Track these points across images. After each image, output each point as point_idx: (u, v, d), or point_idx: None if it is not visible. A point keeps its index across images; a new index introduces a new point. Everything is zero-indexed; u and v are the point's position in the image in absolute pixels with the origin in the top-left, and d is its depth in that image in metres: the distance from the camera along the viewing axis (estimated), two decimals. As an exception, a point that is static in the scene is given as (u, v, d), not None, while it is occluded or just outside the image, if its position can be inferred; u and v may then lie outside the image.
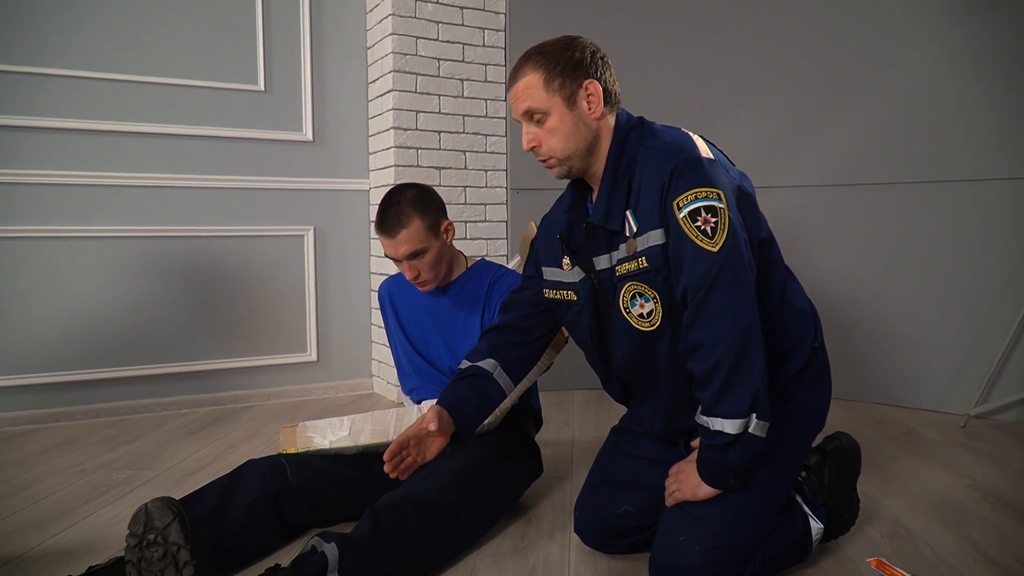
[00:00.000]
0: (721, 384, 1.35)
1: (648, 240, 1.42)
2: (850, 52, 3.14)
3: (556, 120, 1.46)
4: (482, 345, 1.72)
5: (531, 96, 1.46)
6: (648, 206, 1.41)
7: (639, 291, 1.46)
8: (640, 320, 1.47)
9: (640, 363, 1.53)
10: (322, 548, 1.39)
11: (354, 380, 3.46)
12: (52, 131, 2.85)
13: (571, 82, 1.45)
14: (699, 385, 1.39)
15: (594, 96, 1.47)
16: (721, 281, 1.34)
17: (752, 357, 1.35)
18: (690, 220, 1.35)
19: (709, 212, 1.35)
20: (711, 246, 1.34)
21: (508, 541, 1.79)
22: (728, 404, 1.36)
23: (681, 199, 1.36)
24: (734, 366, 1.34)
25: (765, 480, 1.48)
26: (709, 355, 1.35)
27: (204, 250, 3.13)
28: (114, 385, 2.98)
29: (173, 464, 2.40)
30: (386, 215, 1.96)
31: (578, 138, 1.47)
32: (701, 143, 1.46)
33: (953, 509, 1.97)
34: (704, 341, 1.35)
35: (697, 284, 1.35)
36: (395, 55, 3.13)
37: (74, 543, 1.78)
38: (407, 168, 3.17)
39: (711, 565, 1.40)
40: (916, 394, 3.08)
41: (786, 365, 1.51)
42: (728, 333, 1.34)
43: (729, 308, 1.34)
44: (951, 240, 2.99)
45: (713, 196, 1.36)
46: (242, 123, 3.17)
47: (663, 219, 1.39)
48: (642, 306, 1.46)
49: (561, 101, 1.45)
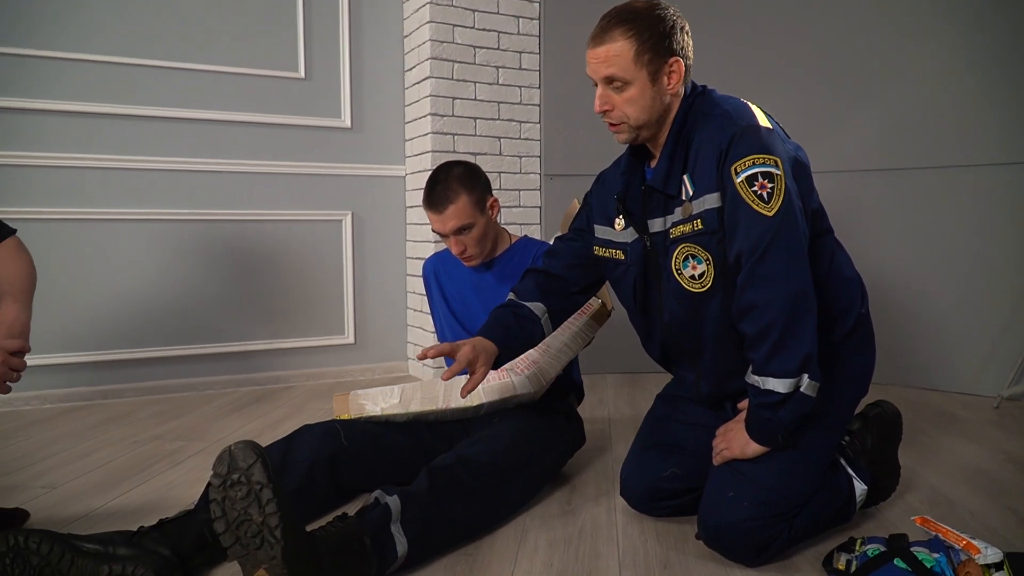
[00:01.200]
0: (773, 344, 1.39)
1: (704, 203, 1.46)
2: (878, 39, 3.17)
3: (636, 91, 1.50)
4: (529, 284, 1.76)
5: (617, 64, 1.48)
6: (705, 171, 1.46)
7: (692, 253, 1.50)
8: (691, 282, 1.52)
9: (687, 325, 1.57)
10: (385, 500, 1.45)
11: (390, 363, 3.53)
12: (101, 116, 2.93)
13: (658, 58, 1.49)
14: (751, 345, 1.44)
15: (676, 74, 1.51)
16: (776, 244, 1.38)
17: (804, 318, 1.40)
18: (747, 185, 1.39)
19: (766, 178, 1.39)
20: (767, 210, 1.38)
21: (555, 505, 1.84)
22: (780, 363, 1.40)
23: (739, 164, 1.40)
24: (786, 327, 1.39)
25: (811, 440, 1.51)
26: (762, 316, 1.39)
27: (246, 234, 3.21)
28: (160, 364, 3.07)
29: (222, 437, 2.47)
30: (434, 191, 2.02)
31: (653, 110, 1.52)
32: (759, 112, 1.50)
33: (990, 480, 2.00)
34: (757, 302, 1.40)
35: (752, 247, 1.39)
36: (432, 43, 3.20)
37: (137, 504, 1.85)
38: (443, 154, 3.23)
39: (758, 520, 1.44)
40: (949, 377, 3.10)
41: (833, 329, 1.55)
42: (781, 294, 1.38)
43: (783, 270, 1.38)
44: (981, 224, 3.01)
45: (770, 163, 1.40)
46: (283, 110, 3.24)
47: (720, 183, 1.43)
48: (694, 268, 1.51)
49: (646, 75, 1.49)
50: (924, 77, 3.09)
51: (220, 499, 1.17)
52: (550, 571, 1.48)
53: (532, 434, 1.86)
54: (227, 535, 1.17)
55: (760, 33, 3.36)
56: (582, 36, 3.53)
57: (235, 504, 1.16)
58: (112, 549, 1.35)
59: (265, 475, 1.16)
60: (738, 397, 1.61)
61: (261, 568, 1.16)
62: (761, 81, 3.33)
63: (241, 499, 1.16)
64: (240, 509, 1.16)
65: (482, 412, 1.96)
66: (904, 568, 1.31)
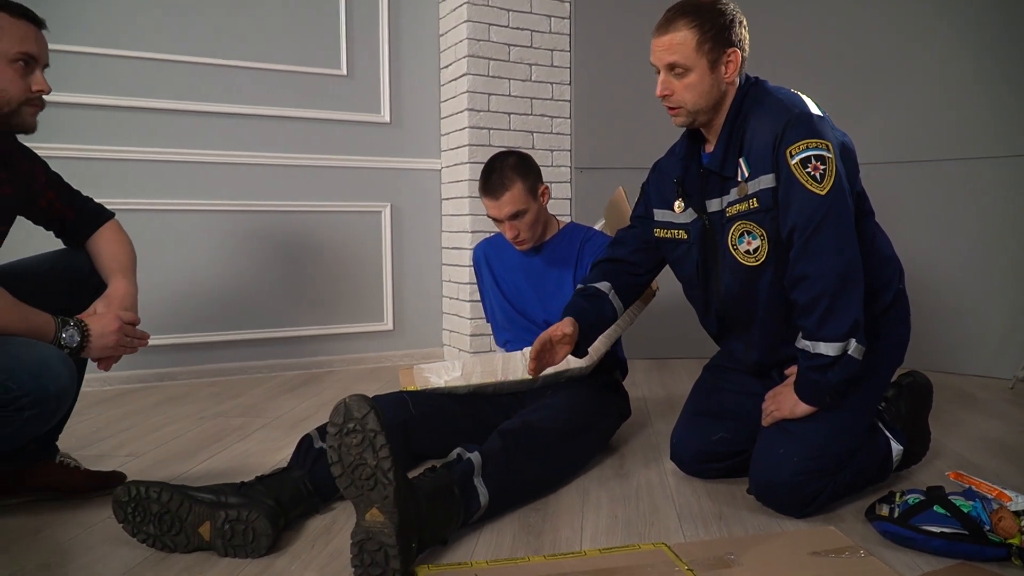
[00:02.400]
0: (824, 311, 1.54)
1: (759, 184, 1.60)
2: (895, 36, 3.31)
3: (696, 78, 1.63)
4: (595, 273, 1.93)
5: (680, 52, 1.62)
6: (760, 154, 1.59)
7: (747, 229, 1.64)
8: (746, 256, 1.66)
9: (741, 297, 1.71)
10: (467, 456, 1.59)
11: (427, 348, 3.67)
12: (161, 111, 3.07)
13: (718, 48, 1.63)
14: (802, 313, 1.58)
15: (732, 63, 1.65)
16: (827, 221, 1.52)
17: (852, 288, 1.54)
18: (801, 167, 1.53)
19: (818, 160, 1.53)
20: (819, 190, 1.52)
21: (609, 470, 1.98)
22: (830, 329, 1.54)
23: (794, 148, 1.54)
24: (836, 295, 1.53)
25: (854, 403, 1.66)
26: (814, 285, 1.54)
27: (290, 224, 3.35)
28: (213, 348, 3.21)
29: (280, 414, 2.61)
30: (490, 179, 2.16)
31: (710, 96, 1.66)
32: (810, 101, 1.65)
33: (1011, 449, 2.14)
34: (810, 273, 1.54)
35: (805, 223, 1.53)
36: (469, 41, 3.34)
37: (219, 469, 1.99)
38: (480, 147, 3.37)
39: (807, 475, 1.58)
40: (965, 361, 3.24)
41: (875, 302, 1.69)
42: (832, 266, 1.52)
43: (833, 245, 1.53)
44: (996, 215, 3.14)
45: (822, 147, 1.54)
46: (327, 105, 3.39)
47: (775, 165, 1.57)
48: (749, 243, 1.65)
49: (706, 64, 1.63)
50: (939, 74, 3.23)
51: (337, 446, 1.31)
52: (615, 522, 1.62)
53: (585, 404, 2.00)
54: (343, 478, 1.31)
55: (774, 35, 3.49)
56: (611, 34, 3.75)
57: (351, 450, 1.30)
58: (224, 498, 1.49)
59: (378, 423, 1.30)
60: (783, 365, 1.75)
61: (374, 507, 1.30)
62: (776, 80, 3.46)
63: (356, 445, 1.30)
64: (355, 454, 1.30)
65: (537, 385, 2.10)
66: (943, 513, 1.45)
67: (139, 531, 1.46)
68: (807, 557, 1.40)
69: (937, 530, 1.43)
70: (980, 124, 3.16)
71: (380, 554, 1.29)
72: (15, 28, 1.53)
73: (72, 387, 1.47)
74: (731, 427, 1.83)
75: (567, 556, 1.43)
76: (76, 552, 1.49)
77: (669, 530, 1.57)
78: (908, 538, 1.44)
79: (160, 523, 1.45)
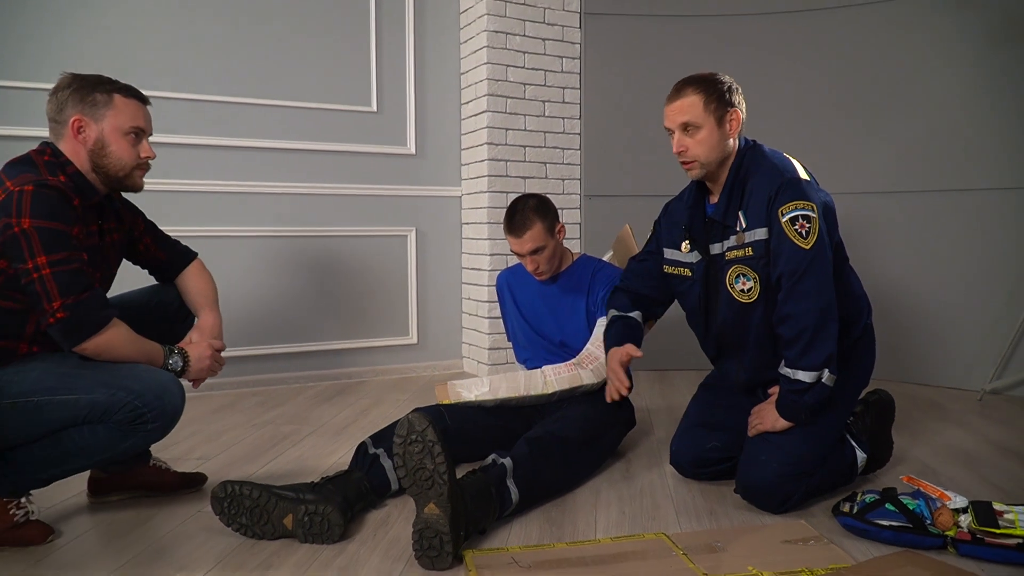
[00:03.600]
0: (805, 345, 1.86)
1: (754, 235, 1.93)
2: (886, 75, 3.63)
3: (706, 134, 1.96)
4: (624, 300, 2.26)
5: (691, 112, 1.95)
6: (756, 210, 1.92)
7: (742, 272, 1.97)
8: (741, 294, 1.98)
9: (735, 327, 2.04)
10: (500, 461, 1.91)
11: (448, 360, 4.00)
12: (208, 148, 3.40)
13: (723, 107, 1.96)
14: (787, 345, 1.90)
15: (735, 121, 1.98)
16: (810, 271, 1.85)
17: (829, 327, 1.86)
18: (791, 224, 1.86)
19: (805, 219, 1.86)
20: (804, 244, 1.85)
21: (617, 473, 2.30)
22: (808, 360, 1.87)
23: (785, 208, 1.87)
24: (815, 332, 1.85)
25: (825, 419, 1.98)
26: (797, 323, 1.86)
27: (325, 248, 3.68)
28: (256, 361, 3.54)
29: (325, 421, 2.93)
30: (513, 219, 2.48)
31: (718, 150, 1.98)
32: (799, 166, 1.97)
33: (968, 456, 2.45)
34: (794, 313, 1.86)
35: (791, 271, 1.86)
36: (489, 81, 3.66)
37: (282, 471, 2.31)
38: (498, 177, 3.70)
39: (784, 478, 1.90)
40: (939, 374, 3.56)
41: (846, 336, 2.01)
42: (813, 308, 1.85)
43: (814, 290, 1.85)
44: (977, 242, 3.46)
45: (808, 208, 1.87)
46: (358, 139, 3.72)
47: (768, 221, 1.90)
48: (744, 284, 1.97)
49: (714, 120, 1.95)
50: (921, 116, 3.55)
51: (402, 453, 1.63)
52: (623, 516, 1.94)
53: (597, 415, 2.32)
54: (407, 479, 1.63)
55: (781, 68, 3.82)
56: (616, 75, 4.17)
57: (413, 456, 1.62)
58: (302, 495, 1.81)
59: (435, 435, 1.62)
60: (768, 385, 2.07)
61: (431, 503, 1.62)
62: (784, 111, 3.79)
63: (417, 453, 1.62)
64: (417, 460, 1.62)
65: (554, 399, 2.41)
66: (893, 510, 1.77)
67: (233, 521, 1.79)
68: (780, 544, 1.72)
69: (887, 523, 1.75)
70: (958, 161, 3.49)
71: (436, 540, 1.61)
72: (128, 106, 1.85)
73: (183, 405, 1.79)
74: (722, 437, 2.15)
75: (584, 543, 1.75)
76: (181, 539, 1.81)
77: (668, 523, 1.89)
78: (863, 530, 1.77)
79: (251, 515, 1.77)
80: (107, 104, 1.80)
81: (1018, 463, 2.38)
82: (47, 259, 1.61)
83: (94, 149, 1.80)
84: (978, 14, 3.41)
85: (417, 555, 1.63)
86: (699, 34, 3.93)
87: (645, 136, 3.82)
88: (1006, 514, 1.70)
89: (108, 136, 1.80)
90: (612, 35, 3.95)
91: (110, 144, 1.80)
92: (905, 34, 3.60)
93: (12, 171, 1.70)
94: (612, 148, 3.97)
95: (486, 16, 3.64)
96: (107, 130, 1.80)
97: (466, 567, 1.62)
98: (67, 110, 1.78)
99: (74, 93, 1.78)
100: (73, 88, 1.78)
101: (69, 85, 1.79)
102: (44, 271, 1.61)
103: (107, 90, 1.80)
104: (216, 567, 1.65)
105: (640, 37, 3.93)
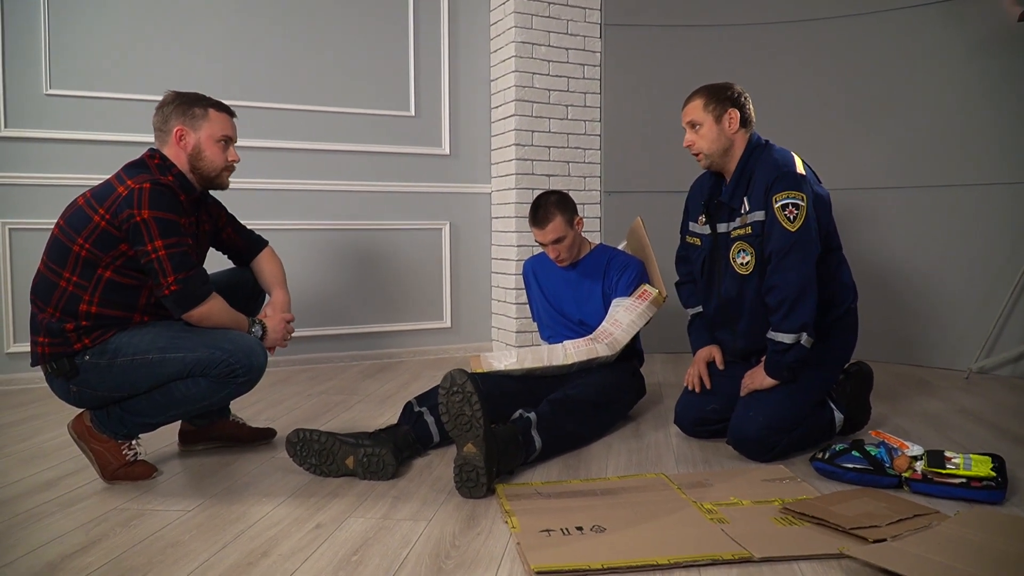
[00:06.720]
0: (786, 311, 2.20)
1: (754, 217, 2.27)
2: (883, 79, 3.93)
3: (706, 129, 2.32)
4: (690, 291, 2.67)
5: (694, 113, 2.33)
6: (757, 196, 2.26)
7: (743, 248, 2.31)
8: (741, 266, 2.33)
9: (734, 298, 2.38)
10: (527, 414, 2.26)
11: (478, 343, 4.36)
12: (265, 150, 3.79)
13: (720, 107, 2.31)
14: (771, 312, 2.24)
15: (733, 119, 2.32)
16: (794, 249, 2.19)
17: (807, 298, 2.19)
18: (782, 210, 2.20)
19: (794, 207, 2.19)
20: (791, 227, 2.19)
21: (628, 432, 2.65)
22: (789, 323, 2.21)
23: (778, 196, 2.21)
24: (795, 301, 2.19)
25: (805, 384, 2.30)
26: (780, 292, 2.20)
27: (368, 240, 4.06)
28: (307, 341, 3.93)
29: (369, 393, 3.31)
30: (537, 213, 2.82)
31: (718, 143, 2.33)
32: (799, 162, 2.30)
33: (940, 421, 2.76)
34: (778, 284, 2.21)
35: (779, 249, 2.20)
36: (517, 87, 4.01)
37: (339, 428, 2.68)
38: (525, 175, 4.05)
39: (769, 430, 2.23)
40: (930, 355, 3.85)
41: (827, 314, 2.35)
42: (794, 280, 2.19)
43: (796, 265, 2.19)
44: (972, 234, 3.74)
45: (798, 197, 2.20)
46: (398, 141, 4.10)
47: (765, 206, 2.24)
48: (743, 257, 2.32)
49: (712, 118, 2.31)
50: (913, 119, 3.85)
51: (445, 402, 1.99)
52: (631, 462, 2.28)
53: (611, 383, 2.66)
54: (449, 423, 1.99)
55: (787, 73, 4.13)
56: (633, 81, 4.59)
57: (454, 405, 1.98)
58: (360, 440, 2.17)
59: (473, 387, 1.98)
60: (760, 353, 2.40)
61: (469, 443, 1.97)
62: (790, 112, 4.09)
63: (458, 402, 1.98)
64: (458, 407, 1.98)
65: (573, 369, 2.75)
66: (858, 455, 2.10)
67: (304, 462, 2.16)
68: (760, 483, 2.06)
69: (851, 466, 2.07)
70: (946, 158, 3.77)
71: (473, 474, 1.96)
72: (219, 119, 2.22)
73: (266, 364, 2.17)
74: (720, 400, 2.48)
75: (595, 480, 2.10)
76: (260, 477, 2.19)
77: (668, 468, 2.23)
78: (831, 472, 2.09)
79: (319, 456, 2.14)
80: (204, 116, 2.18)
81: (980, 425, 2.69)
82: (163, 243, 1.99)
83: (192, 154, 2.17)
84: (965, 26, 3.69)
85: (457, 486, 1.98)
86: (709, 42, 4.25)
87: (659, 137, 4.15)
88: (953, 459, 2.02)
89: (204, 143, 2.18)
90: (629, 44, 4.28)
91: (205, 150, 2.18)
92: (901, 42, 3.90)
93: (131, 172, 2.09)
94: (629, 148, 4.30)
95: (514, 28, 4.00)
96: (203, 138, 2.18)
97: (498, 496, 1.98)
98: (171, 121, 2.16)
99: (177, 107, 2.16)
100: (176, 103, 2.16)
101: (173, 101, 2.17)
102: (161, 252, 1.99)
103: (204, 105, 2.18)
104: (291, 497, 2.02)
105: (655, 46, 4.26)
